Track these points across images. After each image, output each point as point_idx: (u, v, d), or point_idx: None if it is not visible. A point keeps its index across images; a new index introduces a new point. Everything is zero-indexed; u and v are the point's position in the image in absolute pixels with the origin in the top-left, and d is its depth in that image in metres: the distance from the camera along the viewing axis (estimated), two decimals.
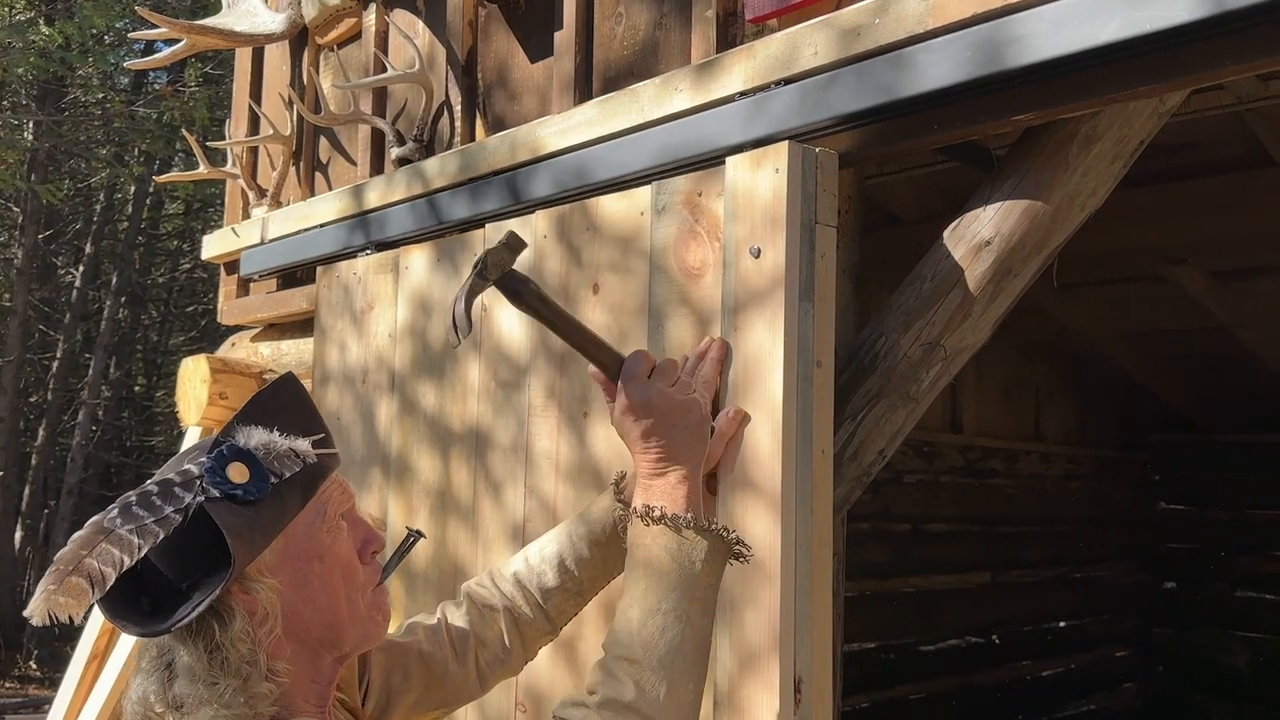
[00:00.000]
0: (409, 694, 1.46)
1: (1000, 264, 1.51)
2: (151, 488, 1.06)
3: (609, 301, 1.82)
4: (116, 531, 1.02)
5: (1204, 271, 4.20)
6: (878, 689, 4.54)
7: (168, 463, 1.16)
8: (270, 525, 1.08)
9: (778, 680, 1.45)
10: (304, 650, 1.13)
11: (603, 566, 1.51)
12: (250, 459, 1.08)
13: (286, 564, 1.11)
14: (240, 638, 1.06)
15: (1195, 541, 5.76)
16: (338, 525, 1.16)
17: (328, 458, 1.16)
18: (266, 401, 1.16)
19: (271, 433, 1.12)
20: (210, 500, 1.05)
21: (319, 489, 1.14)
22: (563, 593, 1.49)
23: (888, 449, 1.68)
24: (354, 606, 1.17)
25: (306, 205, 2.76)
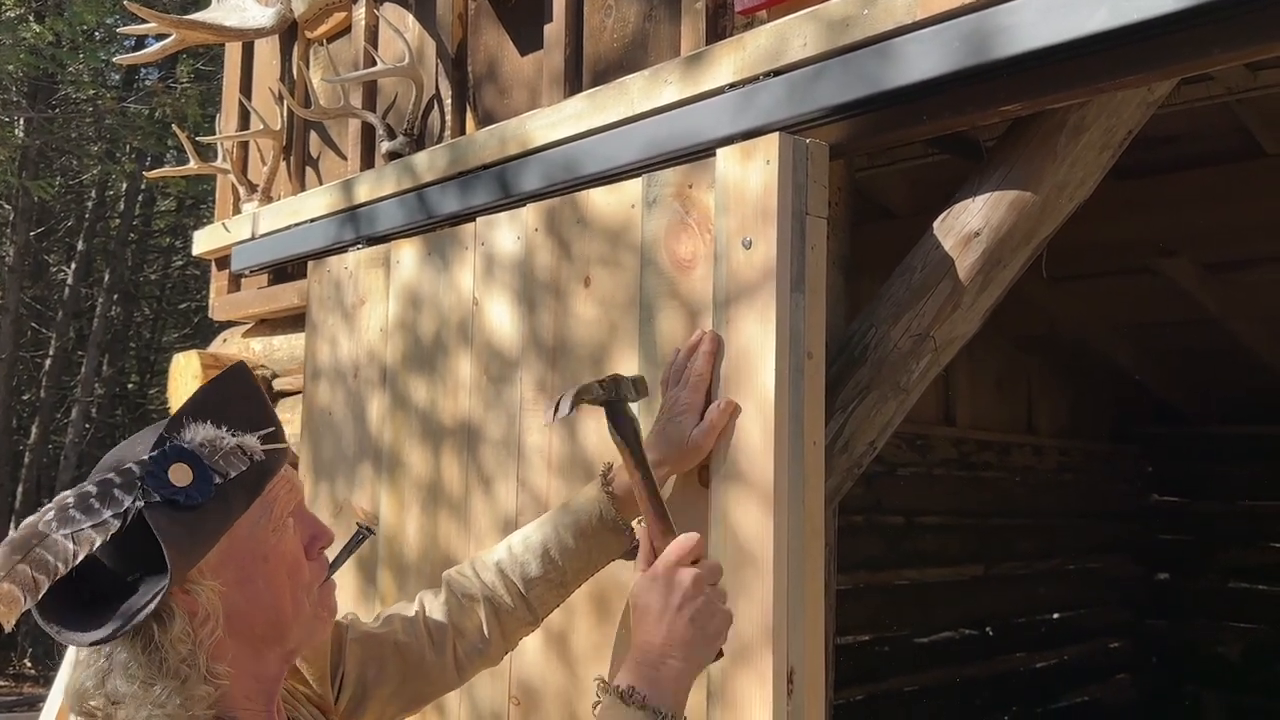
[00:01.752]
0: (385, 685, 1.46)
1: (989, 255, 1.52)
2: (90, 488, 1.02)
3: (600, 295, 1.82)
4: (52, 536, 0.98)
5: (1195, 263, 4.21)
6: (871, 681, 4.55)
7: (113, 451, 1.12)
8: (212, 530, 1.05)
9: (770, 671, 1.45)
10: (248, 648, 1.12)
11: (587, 557, 1.51)
12: (193, 459, 1.05)
13: (230, 564, 1.08)
14: (180, 639, 1.04)
15: (1188, 533, 5.78)
16: (284, 524, 1.14)
17: (276, 454, 1.13)
18: (214, 394, 1.12)
19: (219, 428, 1.08)
20: (150, 505, 1.01)
21: (266, 487, 1.11)
22: (545, 583, 1.49)
23: (878, 440, 1.69)
24: (299, 605, 1.15)
25: (297, 200, 2.75)
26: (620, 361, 1.76)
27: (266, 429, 1.13)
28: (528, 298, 1.95)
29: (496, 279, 2.04)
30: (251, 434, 1.10)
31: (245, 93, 3.18)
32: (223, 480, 1.06)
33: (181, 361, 3.02)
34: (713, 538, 1.56)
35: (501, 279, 2.03)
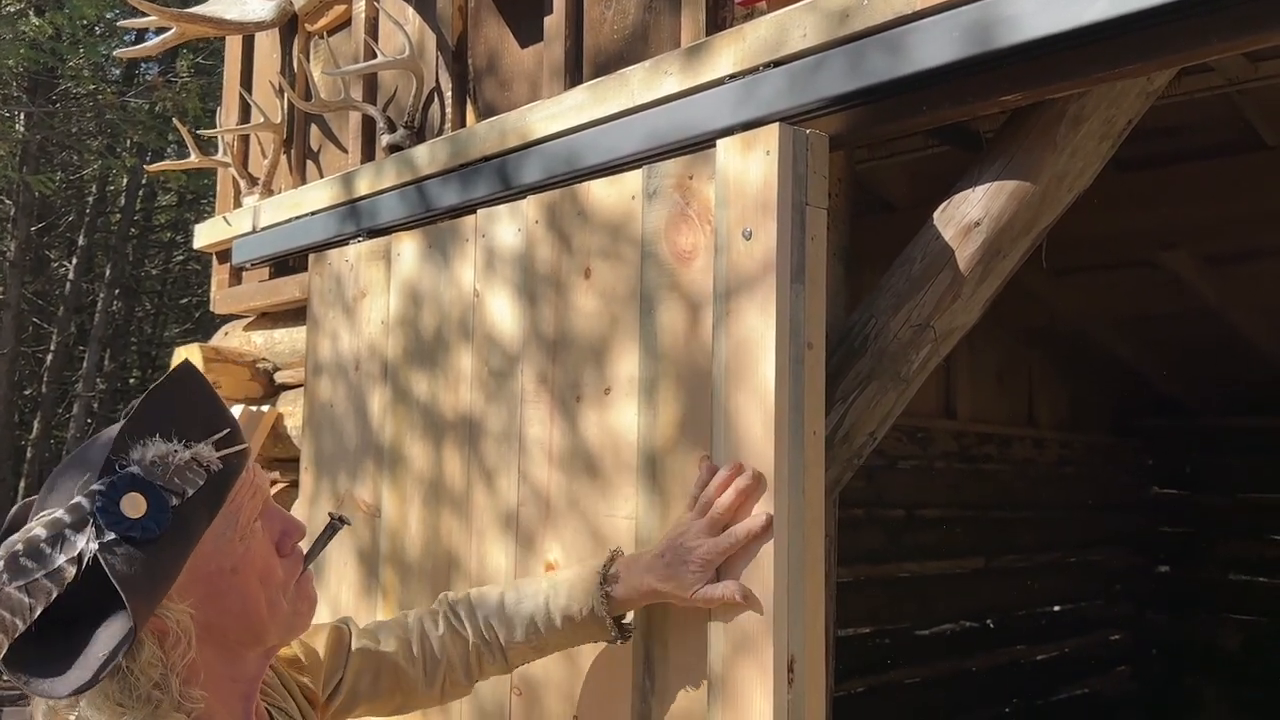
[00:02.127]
0: (376, 700, 1.49)
1: (989, 245, 1.52)
2: (39, 532, 0.97)
3: (600, 287, 1.82)
4: (5, 590, 0.94)
5: (1195, 256, 4.22)
6: (872, 673, 4.56)
7: (60, 472, 1.06)
8: (173, 561, 1.00)
9: (771, 661, 1.46)
10: (225, 654, 1.10)
11: (569, 638, 1.57)
12: (145, 486, 0.99)
13: (198, 583, 1.05)
14: (150, 664, 1.01)
15: (1188, 525, 5.79)
16: (250, 530, 1.10)
17: (234, 459, 1.07)
18: (160, 402, 1.05)
19: (170, 440, 1.02)
20: (104, 544, 0.96)
21: (227, 497, 1.06)
22: (526, 646, 1.56)
23: (879, 431, 1.69)
24: (275, 606, 1.12)
25: (298, 193, 2.75)
26: (621, 354, 1.76)
27: (221, 431, 1.06)
28: (528, 290, 1.96)
29: (497, 272, 2.04)
30: (206, 440, 1.04)
31: (246, 86, 3.18)
32: (180, 501, 1.00)
33: (183, 355, 3.02)
34: None
35: (502, 272, 2.03)
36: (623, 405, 1.74)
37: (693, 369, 1.64)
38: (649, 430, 1.69)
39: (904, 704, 4.72)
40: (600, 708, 1.71)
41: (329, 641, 1.48)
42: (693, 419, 1.63)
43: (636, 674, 1.66)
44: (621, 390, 1.75)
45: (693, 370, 1.64)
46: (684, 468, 1.63)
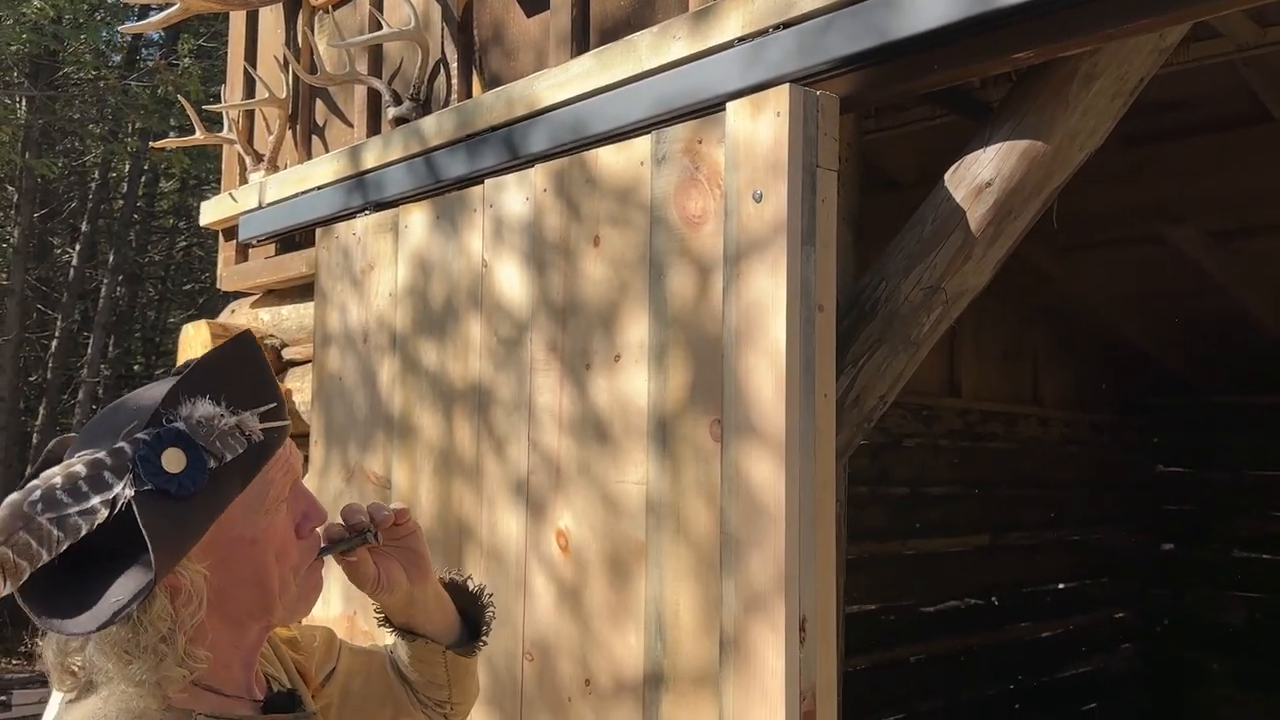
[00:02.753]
0: (368, 701, 1.45)
1: (1000, 205, 1.52)
2: (79, 469, 0.97)
3: (609, 254, 1.82)
4: (36, 520, 0.94)
5: (1201, 232, 4.20)
6: (878, 650, 4.57)
7: (108, 413, 1.07)
8: (202, 521, 1.01)
9: (783, 620, 1.47)
10: (229, 622, 1.10)
11: (427, 664, 1.44)
12: (188, 443, 1.00)
13: (217, 547, 1.05)
14: (160, 617, 1.01)
15: (1192, 503, 5.79)
16: (276, 506, 1.11)
17: (275, 433, 1.08)
18: (217, 363, 1.07)
19: (218, 404, 1.03)
20: (140, 494, 0.96)
21: (261, 469, 1.07)
22: (425, 684, 1.44)
23: (889, 395, 1.69)
24: (285, 585, 1.13)
25: (304, 168, 2.75)
26: (631, 320, 1.76)
27: (268, 404, 1.08)
28: (537, 259, 1.96)
29: (505, 241, 2.04)
30: (252, 410, 1.05)
31: (250, 61, 3.17)
32: (218, 464, 1.01)
33: (191, 331, 3.03)
34: (724, 489, 1.57)
35: (510, 241, 2.03)
36: (633, 371, 1.74)
37: (702, 333, 1.64)
38: (659, 395, 1.70)
39: (909, 680, 4.74)
40: (612, 671, 1.72)
41: (323, 634, 1.49)
42: (703, 383, 1.63)
43: (648, 637, 1.66)
44: (631, 356, 1.76)
45: (703, 335, 1.64)
46: (695, 432, 1.64)
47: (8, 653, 9.50)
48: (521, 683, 1.87)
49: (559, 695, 1.80)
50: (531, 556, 1.90)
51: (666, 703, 1.62)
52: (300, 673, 1.36)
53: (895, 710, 4.68)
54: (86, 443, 1.03)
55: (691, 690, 1.58)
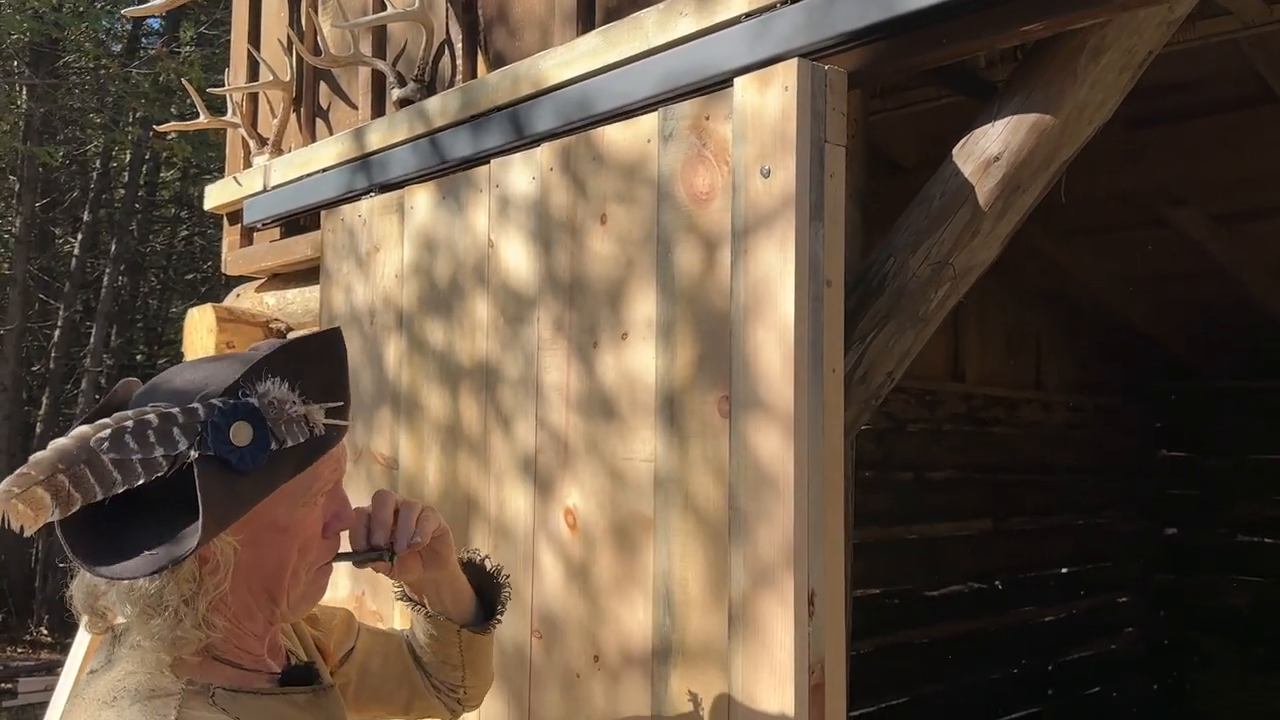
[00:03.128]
0: (385, 681, 1.48)
1: (1009, 180, 1.52)
2: (151, 418, 1.00)
3: (617, 231, 1.82)
4: (101, 458, 0.97)
5: (1205, 214, 4.20)
6: (881, 634, 4.58)
7: (187, 369, 1.10)
8: (252, 498, 1.04)
9: (792, 594, 1.47)
10: (239, 604, 1.12)
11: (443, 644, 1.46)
12: (258, 421, 1.03)
13: (251, 527, 1.08)
14: (186, 580, 1.04)
15: (1195, 488, 5.80)
16: (314, 501, 1.14)
17: (335, 431, 1.11)
18: (302, 351, 1.10)
19: (293, 389, 1.06)
20: (204, 458, 0.99)
21: (314, 463, 1.10)
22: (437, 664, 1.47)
23: (896, 371, 1.69)
24: (297, 578, 1.15)
25: (308, 150, 2.75)
26: (638, 297, 1.76)
27: (336, 402, 1.11)
28: (543, 237, 1.96)
29: (511, 220, 2.04)
30: (320, 404, 1.09)
31: (253, 43, 3.17)
32: (278, 447, 1.04)
33: (196, 316, 3.03)
34: (732, 464, 1.57)
35: (516, 220, 2.03)
36: (640, 348, 1.75)
37: (710, 309, 1.64)
38: (667, 372, 1.70)
39: (913, 664, 4.76)
40: (621, 646, 1.72)
41: (341, 614, 1.50)
42: (711, 359, 1.64)
43: (657, 612, 1.67)
44: (639, 334, 1.76)
45: (710, 311, 1.64)
46: (703, 407, 1.64)
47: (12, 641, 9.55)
48: (530, 660, 1.88)
49: (568, 671, 1.81)
50: (540, 534, 1.90)
51: (675, 677, 1.63)
52: (319, 648, 1.37)
53: (899, 694, 4.70)
54: (160, 395, 1.06)
55: (700, 664, 1.59)
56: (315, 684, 1.23)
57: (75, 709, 1.09)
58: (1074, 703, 5.45)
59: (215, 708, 1.06)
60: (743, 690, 1.52)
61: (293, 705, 1.17)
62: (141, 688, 1.05)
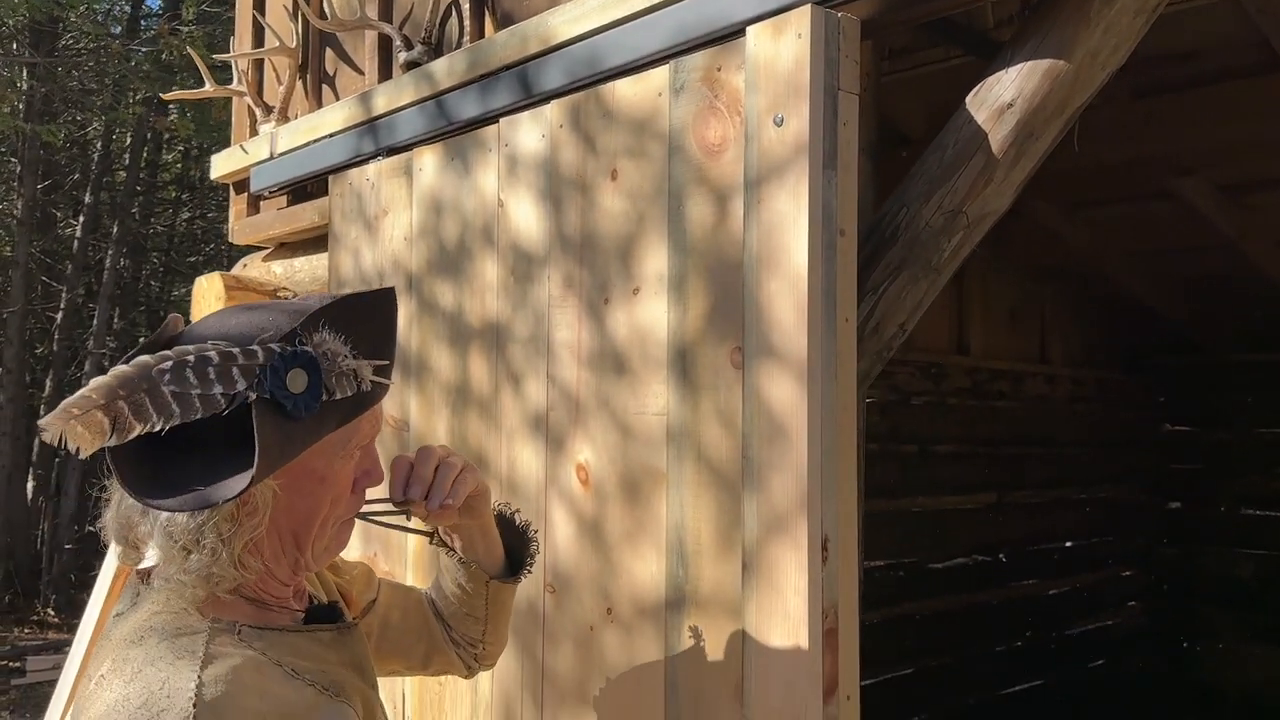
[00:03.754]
0: (405, 635, 1.50)
1: (1022, 126, 1.51)
2: (213, 355, 1.01)
3: (627, 187, 1.82)
4: (160, 388, 0.98)
5: (1211, 185, 4.19)
6: (887, 605, 4.60)
7: (241, 312, 1.10)
8: (299, 444, 1.06)
9: (805, 540, 1.48)
10: (268, 549, 1.14)
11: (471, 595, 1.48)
12: (314, 370, 1.04)
13: (291, 474, 1.09)
14: (226, 520, 1.05)
15: (1199, 462, 5.81)
16: (351, 455, 1.16)
17: (379, 389, 1.14)
18: (356, 307, 1.12)
19: (345, 344, 1.08)
20: (261, 400, 1.01)
21: (358, 417, 1.12)
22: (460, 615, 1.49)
23: (909, 323, 1.70)
24: (324, 529, 1.17)
25: (315, 116, 2.74)
26: (649, 252, 1.76)
27: (383, 360, 1.14)
28: (553, 195, 1.96)
29: (520, 179, 2.04)
30: (368, 361, 1.10)
31: (259, 9, 3.15)
32: (328, 398, 1.06)
33: (204, 284, 3.03)
34: (745, 414, 1.58)
35: (525, 179, 2.03)
36: (652, 303, 1.75)
37: (722, 261, 1.64)
38: (679, 325, 1.70)
39: (917, 636, 4.78)
40: (634, 598, 1.73)
41: (361, 568, 1.52)
42: (723, 311, 1.64)
43: (670, 563, 1.68)
44: (650, 288, 1.76)
45: (722, 262, 1.64)
46: (715, 359, 1.64)
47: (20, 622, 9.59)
48: (544, 614, 1.89)
49: (581, 625, 1.82)
50: (551, 491, 1.91)
51: (688, 627, 1.63)
52: (342, 594, 1.38)
53: (904, 665, 4.73)
54: (213, 336, 1.06)
55: (713, 612, 1.60)
56: (339, 622, 1.24)
57: (103, 650, 1.10)
58: (1078, 675, 5.47)
59: (242, 644, 1.08)
60: (756, 636, 1.53)
61: (317, 642, 1.18)
62: (168, 626, 1.06)
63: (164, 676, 1.00)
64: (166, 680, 0.99)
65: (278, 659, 1.10)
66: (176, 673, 1.00)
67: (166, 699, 0.97)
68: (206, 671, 1.01)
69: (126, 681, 1.01)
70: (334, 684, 1.14)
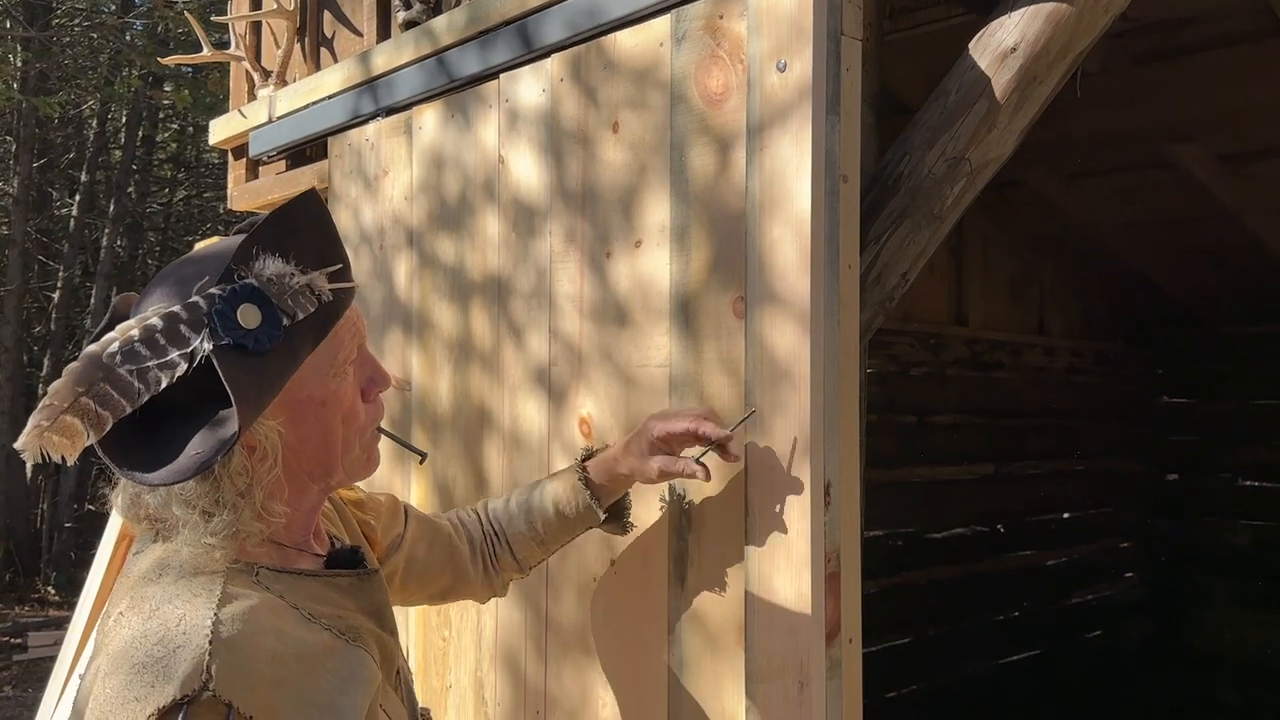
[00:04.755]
0: (430, 569, 1.54)
1: (1025, 71, 1.51)
2: (155, 322, 0.98)
3: (629, 138, 1.81)
4: (117, 371, 0.95)
5: (1210, 153, 4.19)
6: (885, 575, 4.63)
7: (175, 268, 1.07)
8: (278, 377, 1.03)
9: (808, 484, 1.48)
10: (293, 483, 1.13)
11: (562, 527, 1.61)
12: (263, 300, 1.01)
13: (289, 406, 1.08)
14: (238, 473, 1.05)
15: (1196, 434, 5.83)
16: (344, 369, 1.13)
17: (344, 293, 1.10)
18: (284, 222, 1.07)
19: (288, 263, 1.04)
20: (219, 348, 0.98)
21: (331, 330, 1.09)
22: (527, 540, 1.61)
23: (910, 272, 1.70)
24: (349, 447, 1.16)
25: (314, 79, 2.73)
26: (651, 201, 1.76)
27: (335, 265, 1.09)
28: (554, 149, 1.95)
29: (521, 134, 2.03)
30: (320, 270, 1.07)
31: None
32: (290, 322, 1.03)
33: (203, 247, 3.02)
34: (748, 361, 1.58)
35: (526, 133, 2.02)
36: (654, 254, 1.75)
37: (725, 210, 1.64)
38: (682, 276, 1.70)
39: (915, 605, 4.80)
40: (637, 548, 1.74)
41: (389, 500, 1.52)
42: (726, 260, 1.64)
43: (673, 513, 1.68)
44: (653, 240, 1.76)
45: (725, 211, 1.64)
46: (717, 308, 1.64)
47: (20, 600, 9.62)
48: (547, 566, 1.89)
49: (584, 576, 1.83)
50: (554, 444, 1.91)
51: (691, 574, 1.64)
52: (365, 534, 1.38)
53: (901, 634, 4.76)
54: (155, 299, 1.04)
55: (716, 559, 1.61)
56: (360, 568, 1.24)
57: (122, 586, 1.10)
58: (1075, 645, 5.51)
59: (259, 585, 1.07)
60: (759, 582, 1.54)
61: (335, 588, 1.17)
62: (186, 564, 1.06)
63: (180, 613, 1.00)
64: (183, 617, 0.99)
65: (295, 602, 1.10)
66: (193, 610, 1.00)
67: (183, 635, 0.97)
68: (224, 610, 1.00)
69: (144, 618, 1.01)
70: (351, 629, 1.14)
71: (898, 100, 3.86)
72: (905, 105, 3.90)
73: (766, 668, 1.51)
